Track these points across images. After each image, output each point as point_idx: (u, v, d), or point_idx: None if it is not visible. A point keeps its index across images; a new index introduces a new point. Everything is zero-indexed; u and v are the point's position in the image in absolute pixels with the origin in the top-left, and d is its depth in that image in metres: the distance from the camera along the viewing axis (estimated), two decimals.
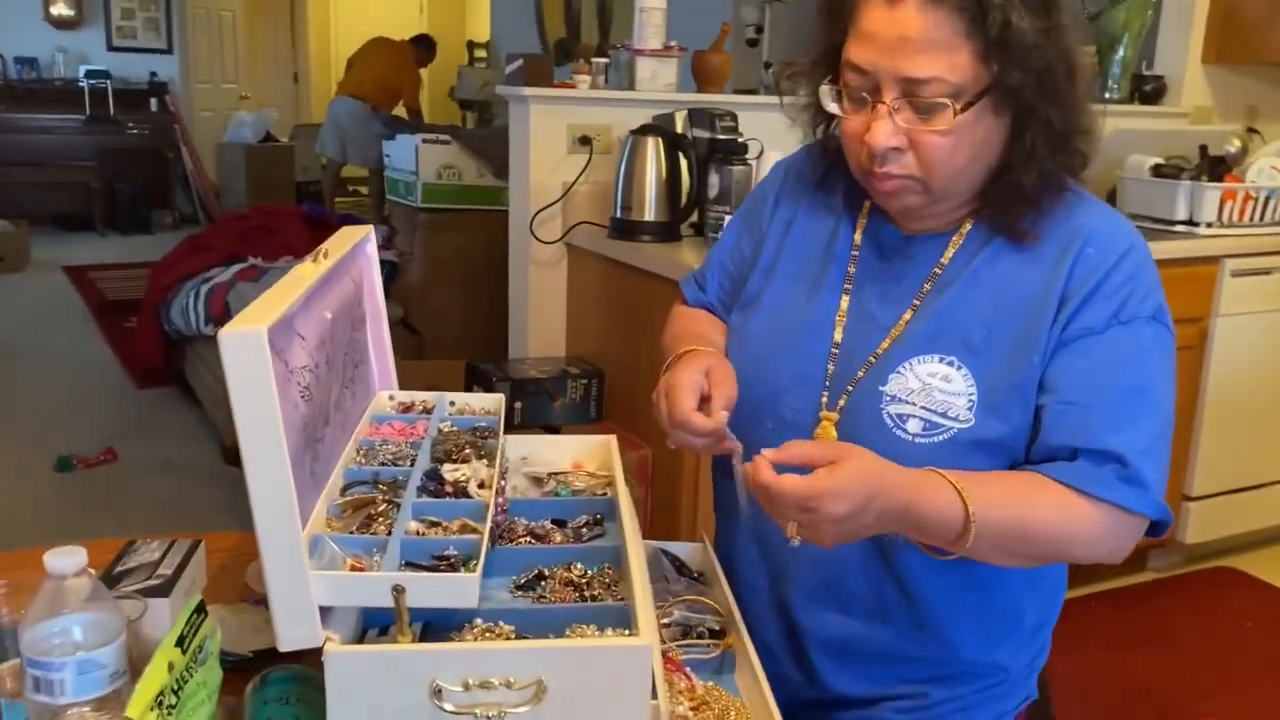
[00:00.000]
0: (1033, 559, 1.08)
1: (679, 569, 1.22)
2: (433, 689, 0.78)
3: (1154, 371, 1.05)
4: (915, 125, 1.02)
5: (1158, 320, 1.06)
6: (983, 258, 1.11)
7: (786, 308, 1.21)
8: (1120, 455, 1.01)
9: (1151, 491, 1.02)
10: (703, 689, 1.01)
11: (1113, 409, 1.03)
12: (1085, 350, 1.05)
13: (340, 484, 0.95)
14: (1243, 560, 3.32)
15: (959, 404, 1.07)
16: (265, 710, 0.89)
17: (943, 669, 1.17)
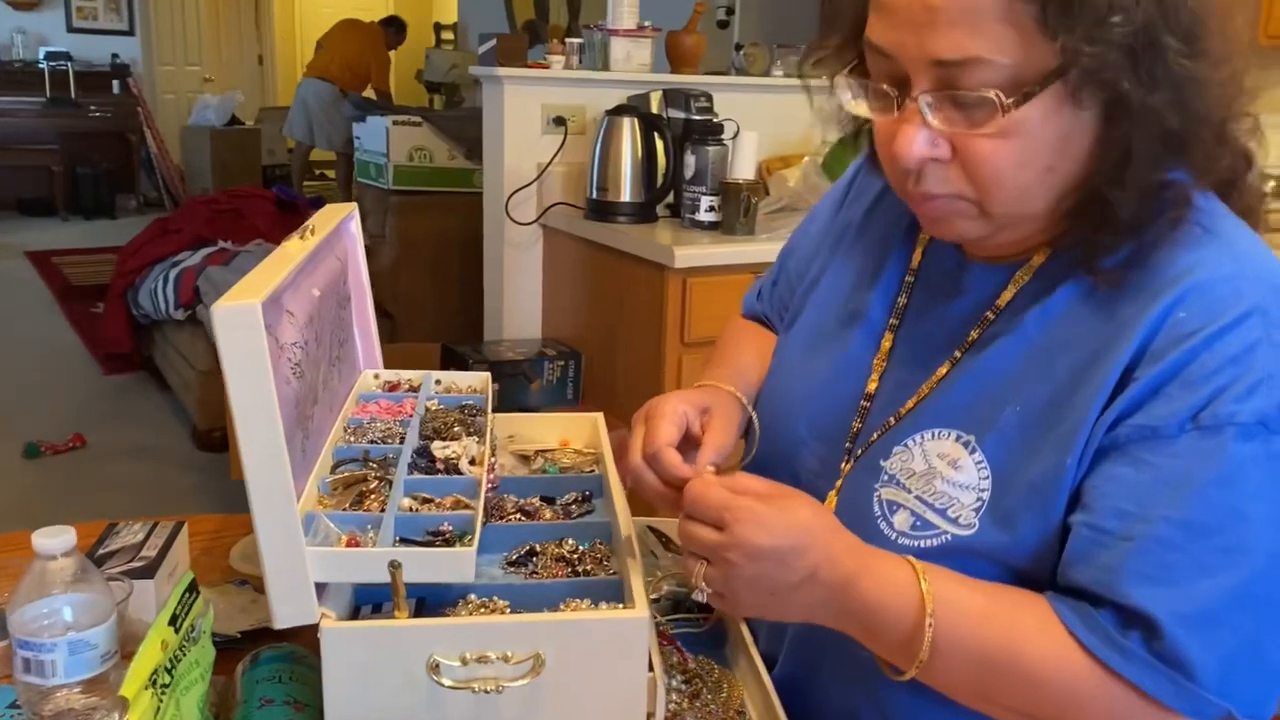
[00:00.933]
0: (1006, 710, 0.78)
1: (666, 544, 1.23)
2: (430, 664, 0.78)
3: (1245, 508, 0.72)
4: (959, 128, 0.76)
5: (1275, 431, 0.72)
6: (1043, 305, 0.82)
7: (819, 340, 1.00)
8: (1151, 619, 0.72)
9: (1198, 682, 0.71)
10: (695, 662, 1.01)
11: (1160, 551, 0.72)
12: (1141, 460, 0.74)
13: (330, 462, 0.95)
14: None
15: (964, 502, 0.82)
16: (258, 689, 0.89)
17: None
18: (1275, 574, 0.72)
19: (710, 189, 2.49)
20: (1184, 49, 0.72)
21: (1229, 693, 0.72)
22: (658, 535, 1.25)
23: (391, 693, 0.79)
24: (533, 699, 0.80)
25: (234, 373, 0.72)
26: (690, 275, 2.32)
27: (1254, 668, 0.72)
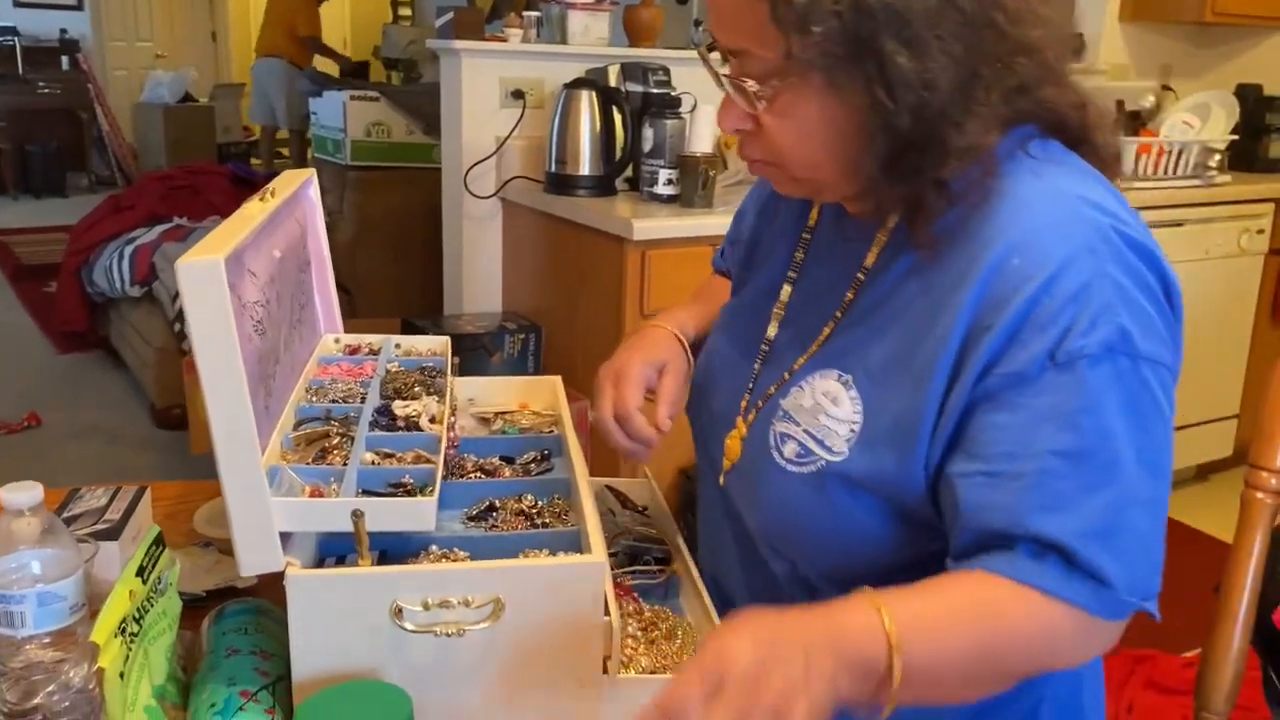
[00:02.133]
0: (1010, 678, 0.84)
1: (623, 503, 1.26)
2: (393, 609, 0.81)
3: (1110, 426, 0.80)
4: (748, 107, 0.86)
5: (1120, 353, 0.80)
6: (898, 262, 0.92)
7: (744, 294, 1.11)
8: (1060, 544, 0.79)
9: (1112, 585, 0.79)
10: (650, 611, 1.05)
11: (1050, 482, 0.80)
12: (1014, 404, 0.81)
13: (293, 421, 0.97)
14: None
15: (839, 433, 0.90)
16: (224, 640, 0.91)
17: None
18: (1145, 472, 0.81)
19: (668, 162, 2.51)
20: (905, 49, 0.78)
21: (1136, 588, 0.80)
22: (615, 494, 1.28)
23: (356, 638, 0.81)
24: (493, 642, 0.83)
25: (198, 326, 0.74)
26: (649, 248, 2.35)
27: (1147, 559, 0.81)
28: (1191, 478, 3.64)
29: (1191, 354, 3.77)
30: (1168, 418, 0.83)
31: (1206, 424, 3.47)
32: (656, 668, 0.96)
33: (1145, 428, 0.81)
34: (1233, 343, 3.47)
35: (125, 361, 4.23)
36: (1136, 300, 0.82)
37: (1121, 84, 3.68)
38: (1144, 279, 0.83)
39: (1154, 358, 0.82)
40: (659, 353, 1.10)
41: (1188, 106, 3.31)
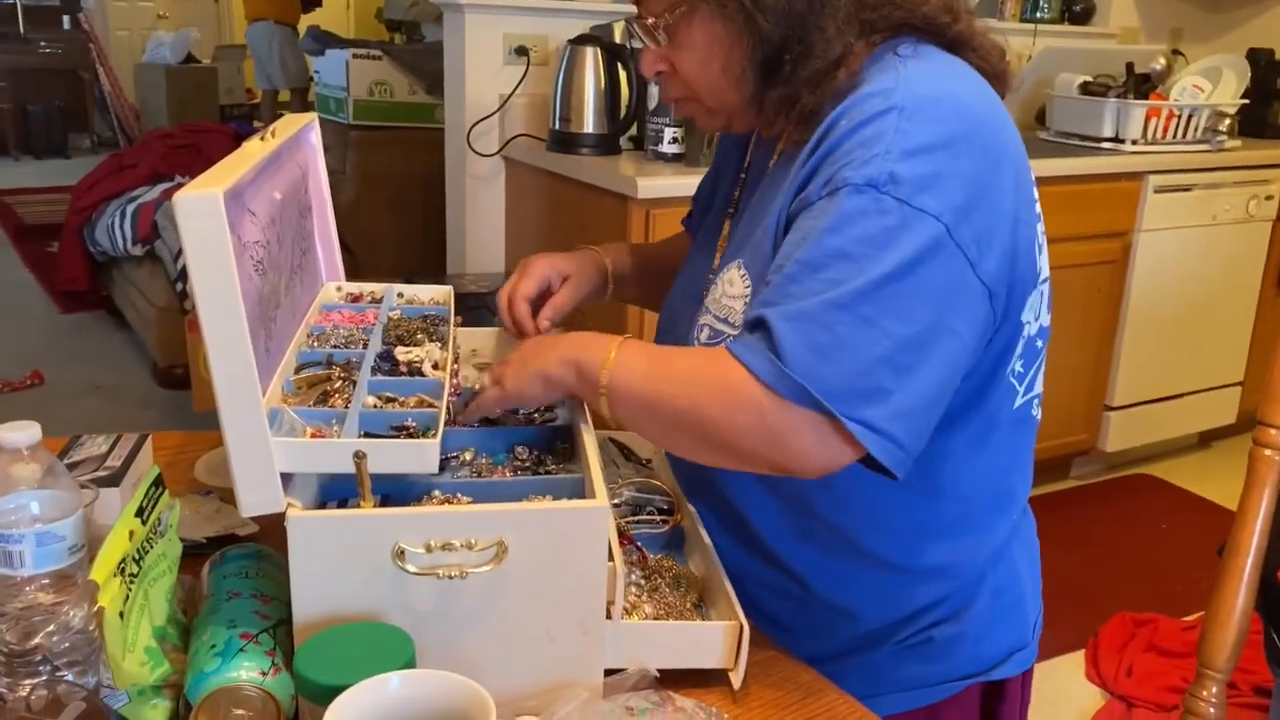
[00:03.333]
0: (669, 423, 0.95)
1: (626, 455, 1.25)
2: (395, 552, 0.80)
3: (847, 249, 0.86)
4: (659, 47, 1.01)
5: (882, 191, 0.86)
6: (785, 154, 1.03)
7: (700, 236, 1.21)
8: (763, 320, 0.88)
9: (785, 359, 0.86)
10: (654, 560, 1.04)
11: (785, 284, 0.89)
12: (796, 226, 0.92)
13: (294, 365, 0.96)
14: (1159, 467, 3.46)
15: (736, 308, 1.00)
16: (225, 584, 0.91)
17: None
18: (872, 296, 0.86)
19: (674, 120, 2.49)
20: None
21: (809, 374, 0.86)
22: (619, 447, 1.27)
23: (357, 580, 0.81)
24: (496, 586, 0.83)
25: (197, 260, 0.73)
26: (654, 206, 2.33)
27: (839, 361, 0.86)
28: (1195, 445, 3.63)
29: (1196, 320, 3.76)
30: (921, 271, 0.87)
31: (1210, 391, 3.46)
32: (659, 615, 0.95)
33: (883, 261, 0.86)
34: (1238, 309, 3.45)
35: (128, 321, 4.22)
36: (928, 155, 0.88)
37: (1131, 47, 3.64)
38: (957, 143, 0.89)
39: (923, 208, 0.87)
40: (571, 266, 1.23)
41: (1198, 70, 3.27)
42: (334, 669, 0.74)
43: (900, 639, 1.07)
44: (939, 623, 1.07)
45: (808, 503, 1.03)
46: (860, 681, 1.02)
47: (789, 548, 1.05)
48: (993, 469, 1.04)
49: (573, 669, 0.86)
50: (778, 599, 1.08)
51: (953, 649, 1.08)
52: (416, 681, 0.73)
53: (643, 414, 0.97)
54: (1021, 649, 1.12)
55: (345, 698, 0.70)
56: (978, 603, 1.08)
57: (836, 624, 1.08)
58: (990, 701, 1.12)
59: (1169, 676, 2.32)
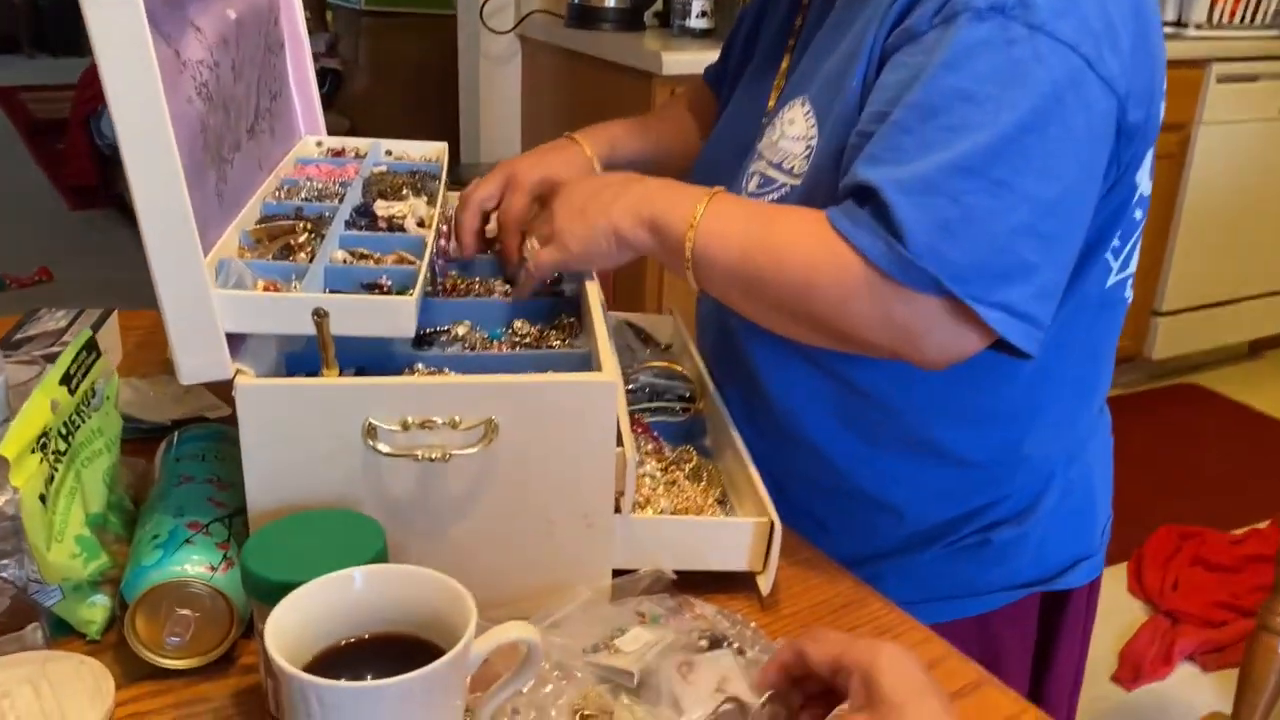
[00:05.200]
0: (769, 303, 0.80)
1: (644, 340, 1.12)
2: (365, 429, 0.68)
3: (969, 89, 0.72)
4: None
5: (1010, 17, 0.72)
6: None
7: (745, 82, 1.05)
8: (873, 188, 0.74)
9: (905, 244, 0.72)
10: (672, 452, 0.92)
11: (894, 135, 0.75)
12: (898, 62, 0.78)
13: (256, 218, 0.82)
14: (1206, 377, 3.31)
15: (795, 151, 0.86)
16: (178, 467, 0.79)
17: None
18: (1005, 152, 0.72)
19: None
20: None
21: (935, 258, 0.72)
22: (635, 330, 1.14)
23: (321, 463, 0.69)
24: (484, 471, 0.70)
25: (109, 66, 0.59)
26: (679, 84, 2.15)
27: (970, 237, 0.72)
28: (1244, 354, 3.46)
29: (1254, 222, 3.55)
30: (1062, 115, 0.72)
31: (1260, 298, 3.28)
32: (677, 511, 0.83)
33: (1014, 105, 0.72)
34: None
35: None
36: None
37: None
38: None
39: (1059, 36, 0.72)
40: (555, 166, 1.01)
41: None
42: (287, 563, 0.62)
43: (952, 539, 0.94)
44: (999, 523, 0.94)
45: (859, 384, 0.89)
46: (901, 586, 0.89)
47: (830, 436, 0.92)
48: (1077, 354, 0.90)
49: (576, 568, 0.74)
50: (812, 494, 0.95)
51: (1012, 553, 0.95)
52: (383, 579, 0.61)
53: (736, 289, 0.82)
54: (1089, 557, 0.99)
55: (295, 597, 0.58)
56: (1044, 502, 0.94)
57: (880, 523, 0.95)
58: (1051, 615, 1.00)
59: (1216, 592, 2.20)
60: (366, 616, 0.61)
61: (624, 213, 0.83)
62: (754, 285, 0.80)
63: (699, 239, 0.80)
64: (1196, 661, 2.06)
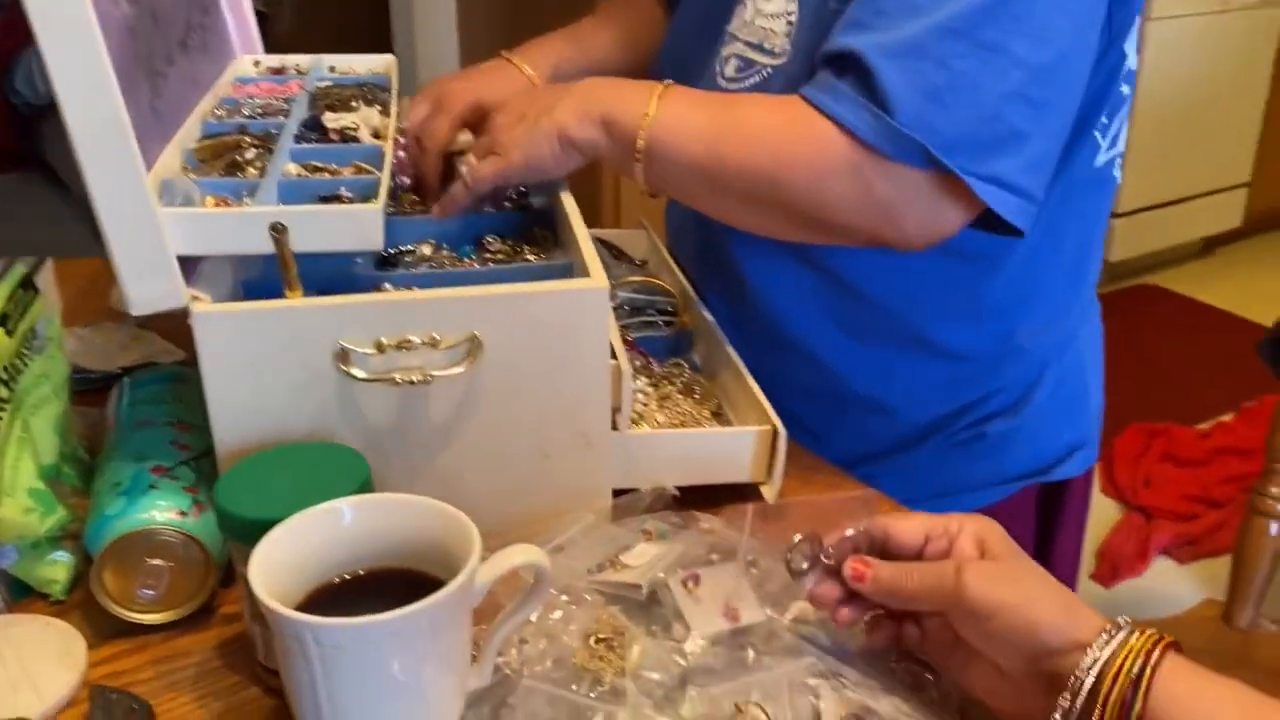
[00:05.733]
0: (738, 195, 0.76)
1: (616, 255, 1.07)
2: (337, 354, 0.62)
3: None
4: None
5: None
6: None
7: None
8: (856, 54, 0.69)
9: (892, 112, 0.68)
10: (661, 368, 0.87)
11: (878, 1, 0.70)
12: None
13: (196, 136, 0.76)
14: (1163, 277, 3.32)
15: (775, 29, 0.81)
16: (134, 412, 0.73)
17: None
18: (996, 14, 0.67)
19: None
20: None
21: (923, 125, 0.68)
22: (608, 247, 1.09)
23: (291, 393, 0.63)
24: (470, 392, 0.65)
25: None
26: None
27: (959, 105, 0.68)
28: (1198, 252, 3.48)
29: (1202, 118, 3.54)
30: None
31: (1214, 194, 3.29)
32: (674, 425, 0.79)
33: None
34: (1246, 106, 3.25)
35: (61, 178, 3.93)
36: None
37: None
38: None
39: None
40: (497, 86, 0.92)
41: None
42: (266, 499, 0.56)
43: (946, 435, 0.92)
44: (993, 416, 0.91)
45: (850, 279, 0.85)
46: (896, 486, 0.86)
47: (821, 336, 0.88)
48: (1068, 238, 0.87)
49: (574, 491, 0.70)
50: (803, 401, 0.91)
51: (1008, 446, 0.92)
52: (374, 510, 0.56)
53: (699, 183, 0.77)
54: (1084, 446, 0.97)
55: (278, 534, 0.53)
56: (1038, 393, 0.92)
57: (872, 424, 0.92)
58: (1049, 506, 0.98)
59: (1187, 486, 2.22)
60: (360, 552, 0.56)
61: (570, 111, 0.77)
62: (720, 177, 0.75)
63: (656, 131, 0.75)
64: (1172, 555, 2.09)
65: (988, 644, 0.53)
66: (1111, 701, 0.49)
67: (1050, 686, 0.52)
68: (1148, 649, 0.50)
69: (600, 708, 0.55)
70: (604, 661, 0.58)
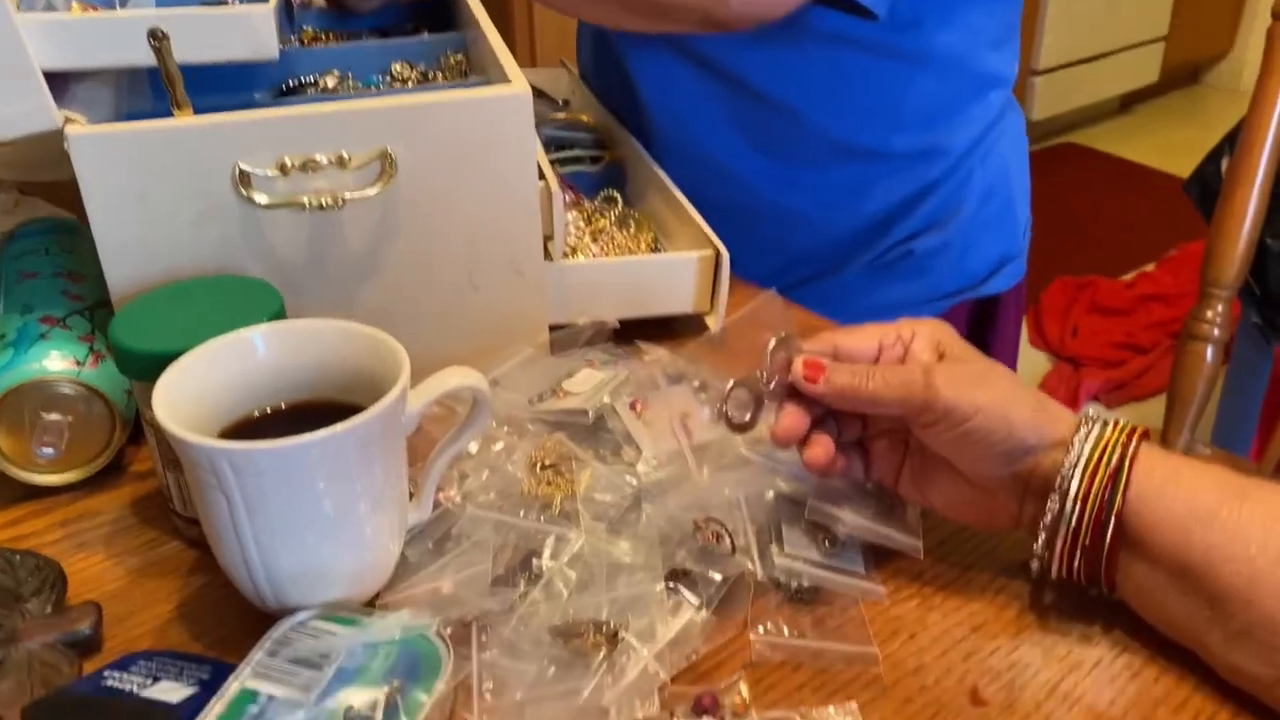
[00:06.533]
0: None
1: (539, 95, 1.01)
2: (235, 177, 0.56)
3: None
4: None
5: None
6: None
7: None
8: None
9: None
10: (591, 203, 0.82)
11: None
12: None
13: None
14: (1082, 135, 3.33)
15: None
16: (16, 265, 0.67)
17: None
18: None
19: None
20: None
21: None
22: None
23: (188, 224, 0.57)
24: (386, 217, 0.60)
25: None
26: None
27: None
28: (1116, 110, 3.49)
29: None
30: None
31: (1130, 49, 3.28)
32: (610, 253, 0.75)
33: None
34: None
35: None
36: None
37: None
38: None
39: None
40: None
41: None
42: (168, 332, 0.51)
43: (875, 255, 0.90)
44: (919, 233, 0.90)
45: (745, 79, 0.82)
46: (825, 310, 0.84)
47: (723, 143, 0.86)
48: (974, 37, 0.84)
49: (508, 326, 0.66)
50: (720, 220, 0.88)
51: (936, 263, 0.92)
52: (290, 338, 0.51)
53: None
54: (1013, 259, 0.97)
55: (185, 362, 0.48)
56: (965, 206, 0.91)
57: (793, 240, 0.90)
58: (980, 322, 0.97)
59: (1113, 334, 2.25)
60: (278, 385, 0.51)
61: None
62: None
63: None
64: (1101, 401, 2.12)
65: (961, 449, 0.50)
66: (1093, 495, 0.47)
67: (1024, 488, 0.50)
68: (1123, 441, 0.48)
69: (551, 530, 0.52)
70: (552, 487, 0.54)
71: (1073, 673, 0.48)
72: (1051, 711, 0.46)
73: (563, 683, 0.46)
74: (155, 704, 0.43)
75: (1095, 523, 0.47)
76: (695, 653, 0.48)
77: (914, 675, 0.48)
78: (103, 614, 0.50)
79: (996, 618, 0.51)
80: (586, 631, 0.47)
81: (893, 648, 0.49)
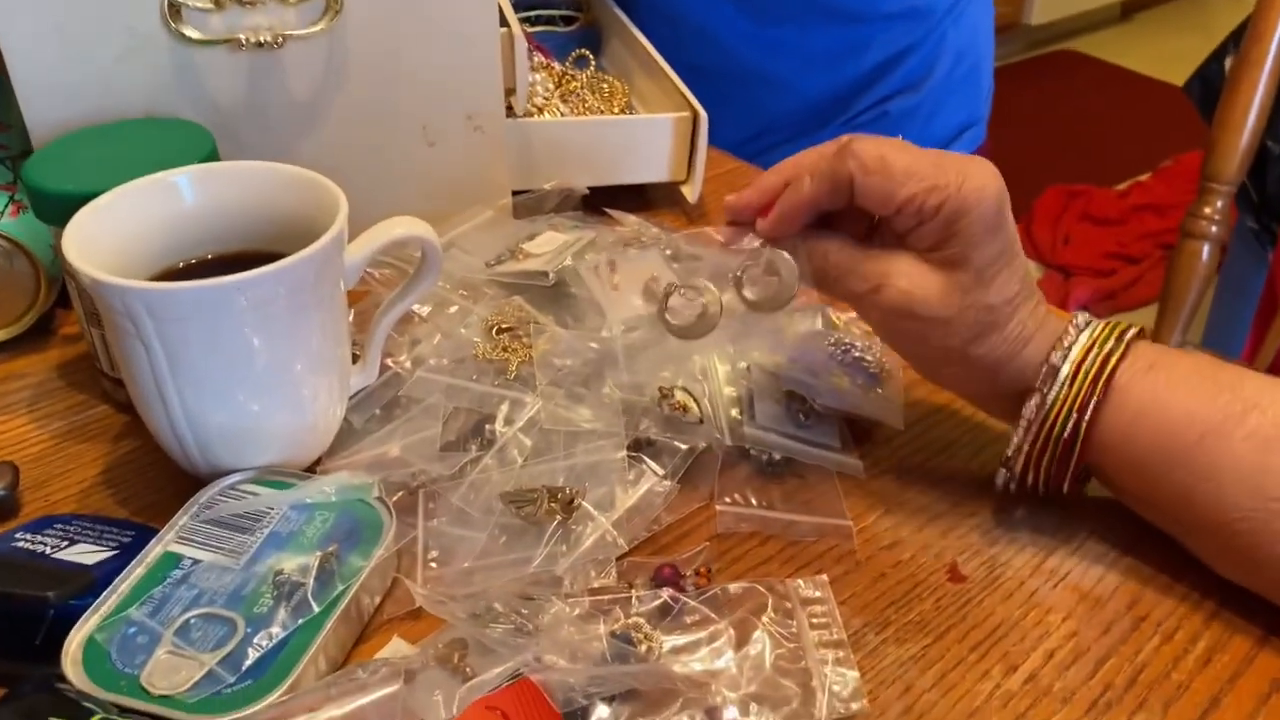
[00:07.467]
0: None
1: None
2: (164, 9, 0.51)
3: None
4: None
5: None
6: None
7: None
8: None
9: None
10: (564, 66, 0.77)
11: None
12: None
13: None
14: (1082, 42, 3.24)
15: None
16: None
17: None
18: None
19: None
20: None
21: None
22: None
23: (114, 63, 0.52)
24: (332, 59, 0.55)
25: None
26: None
27: None
28: (1117, 18, 3.40)
29: None
30: None
31: None
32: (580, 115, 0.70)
33: None
34: None
35: None
36: None
37: None
38: None
39: None
40: None
41: None
42: (87, 173, 0.47)
43: (850, 116, 0.88)
44: (897, 93, 0.88)
45: None
46: None
47: (716, 9, 0.82)
48: None
49: (465, 185, 0.61)
50: (694, 84, 0.83)
51: (907, 124, 0.90)
52: (218, 181, 0.47)
53: None
54: (974, 124, 0.96)
55: (103, 202, 0.44)
56: (939, 66, 0.89)
57: (770, 102, 0.87)
58: None
59: (1105, 243, 2.21)
60: (205, 233, 0.47)
61: None
62: None
63: None
64: (1090, 310, 2.08)
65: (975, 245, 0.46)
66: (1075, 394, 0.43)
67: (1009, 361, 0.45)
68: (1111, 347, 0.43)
69: (506, 395, 0.48)
70: (509, 352, 0.50)
71: (1059, 550, 0.45)
72: (1036, 589, 0.43)
73: (514, 550, 0.42)
74: (67, 565, 0.40)
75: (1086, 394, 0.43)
76: (657, 523, 0.45)
77: (889, 550, 0.45)
78: (19, 475, 0.46)
79: (978, 494, 0.47)
80: (541, 498, 0.43)
81: (867, 522, 0.46)
